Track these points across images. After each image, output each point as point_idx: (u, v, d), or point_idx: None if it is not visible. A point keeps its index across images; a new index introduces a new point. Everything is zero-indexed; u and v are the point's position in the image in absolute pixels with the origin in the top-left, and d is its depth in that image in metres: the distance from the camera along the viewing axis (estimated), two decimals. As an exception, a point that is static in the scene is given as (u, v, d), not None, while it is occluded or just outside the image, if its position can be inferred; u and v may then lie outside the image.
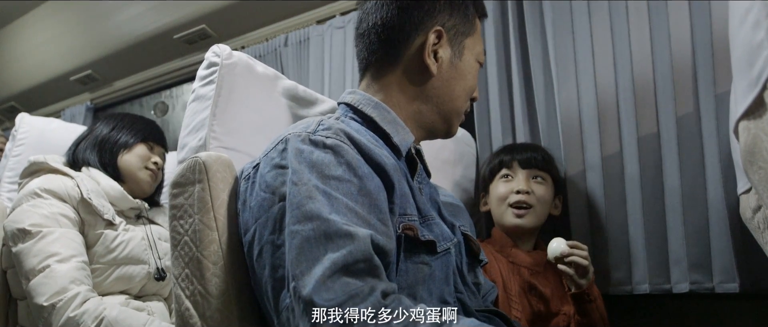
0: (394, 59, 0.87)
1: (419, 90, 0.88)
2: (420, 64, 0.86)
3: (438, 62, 0.86)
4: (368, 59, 0.89)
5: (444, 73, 0.87)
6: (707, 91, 1.34)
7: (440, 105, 0.89)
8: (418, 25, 0.86)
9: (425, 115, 0.89)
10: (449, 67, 0.88)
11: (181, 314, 0.79)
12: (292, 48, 2.25)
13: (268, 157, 0.76)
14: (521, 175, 1.35)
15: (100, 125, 1.48)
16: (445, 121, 0.91)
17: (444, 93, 0.88)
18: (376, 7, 0.88)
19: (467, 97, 0.92)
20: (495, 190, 1.38)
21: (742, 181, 1.11)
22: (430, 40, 0.85)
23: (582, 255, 1.20)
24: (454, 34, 0.88)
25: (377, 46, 0.87)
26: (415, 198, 0.81)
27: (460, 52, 0.89)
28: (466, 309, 0.83)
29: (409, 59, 0.87)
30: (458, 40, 0.89)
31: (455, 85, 0.89)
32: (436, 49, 0.86)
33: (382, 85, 0.88)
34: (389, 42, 0.87)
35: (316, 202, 0.66)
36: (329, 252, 0.63)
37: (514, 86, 1.62)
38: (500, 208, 1.35)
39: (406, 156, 0.87)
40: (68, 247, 1.23)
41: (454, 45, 0.88)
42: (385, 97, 0.88)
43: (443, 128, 0.92)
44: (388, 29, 0.86)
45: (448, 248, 0.81)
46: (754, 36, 0.90)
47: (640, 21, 1.44)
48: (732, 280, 1.29)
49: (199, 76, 0.96)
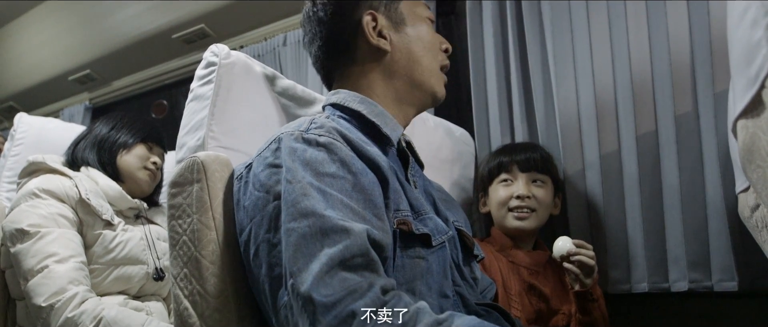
0: (350, 60, 0.90)
1: (386, 71, 0.89)
2: (373, 49, 0.88)
3: (386, 38, 0.89)
4: (329, 76, 0.94)
5: (397, 44, 0.89)
6: (706, 90, 1.34)
7: (410, 73, 0.90)
8: (351, 20, 0.89)
9: (401, 90, 0.90)
10: (398, 37, 0.90)
11: (180, 314, 0.79)
12: (290, 47, 2.25)
13: (261, 157, 0.76)
14: (521, 179, 1.34)
15: (99, 125, 1.47)
16: (422, 88, 0.92)
17: (407, 61, 0.90)
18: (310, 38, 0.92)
19: (433, 53, 0.93)
20: (495, 193, 1.37)
21: (741, 180, 1.11)
22: (368, 25, 0.88)
23: (589, 255, 1.20)
24: (385, 7, 0.90)
25: (329, 63, 0.92)
26: (407, 194, 0.81)
27: (400, 19, 0.91)
28: (466, 303, 0.83)
29: (362, 51, 0.89)
30: (393, 9, 0.91)
31: (413, 48, 0.90)
32: (378, 29, 0.88)
33: (352, 84, 0.90)
34: (338, 48, 0.90)
35: (311, 199, 0.66)
36: (326, 248, 0.63)
37: (513, 85, 1.62)
38: (501, 211, 1.35)
39: (398, 150, 0.87)
40: (67, 247, 1.22)
41: (391, 16, 0.90)
42: (361, 92, 0.89)
43: (426, 94, 0.93)
44: (329, 46, 0.90)
45: (443, 242, 0.82)
46: (752, 35, 0.90)
47: (639, 20, 1.44)
48: (731, 278, 1.30)
49: (197, 76, 0.96)
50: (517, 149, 1.40)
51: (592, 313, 1.24)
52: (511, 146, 1.46)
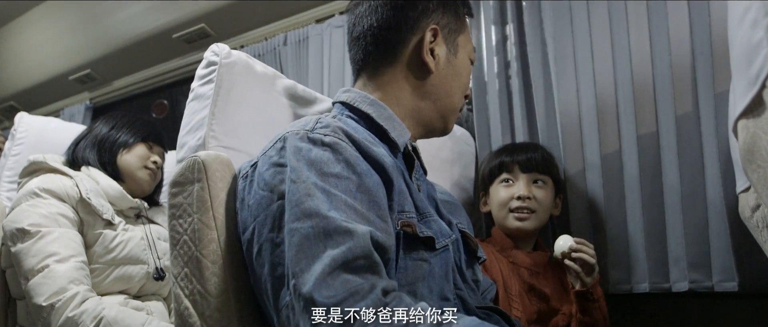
0: (391, 59, 0.88)
1: (418, 87, 0.88)
2: (418, 62, 0.87)
3: (435, 59, 0.88)
4: (365, 60, 0.90)
5: (441, 70, 0.89)
6: (706, 91, 1.34)
7: (438, 101, 0.90)
8: (413, 24, 0.87)
9: (424, 112, 0.90)
10: (446, 64, 0.89)
11: (181, 314, 0.79)
12: (291, 47, 2.25)
13: (266, 156, 0.76)
14: (522, 180, 1.34)
15: (100, 124, 1.47)
16: (442, 118, 0.92)
17: (442, 90, 0.89)
18: (370, 9, 0.88)
19: (462, 93, 0.94)
20: (496, 194, 1.38)
21: (741, 180, 1.11)
22: (427, 38, 0.87)
23: (589, 253, 1.21)
24: (448, 31, 0.90)
25: (373, 47, 0.88)
26: (413, 196, 0.81)
27: (454, 49, 0.91)
28: (466, 306, 0.83)
29: (407, 58, 0.87)
30: (452, 38, 0.90)
31: (452, 82, 0.90)
32: (432, 47, 0.87)
33: (380, 84, 0.89)
34: (386, 42, 0.87)
35: (315, 200, 0.66)
36: (329, 249, 0.63)
37: (514, 85, 1.62)
38: (501, 212, 1.35)
39: (404, 153, 0.87)
40: (67, 247, 1.22)
41: (448, 42, 0.90)
42: (383, 95, 0.88)
43: (441, 125, 0.93)
44: (384, 30, 0.87)
45: (447, 245, 0.82)
46: (752, 35, 0.90)
47: (640, 20, 1.44)
48: (731, 278, 1.29)
49: (198, 75, 0.96)
50: (518, 149, 1.40)
51: (593, 314, 1.24)
52: (512, 146, 1.46)
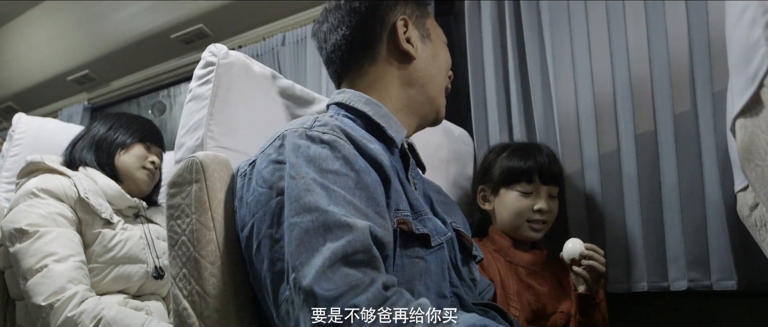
0: (371, 58, 0.91)
1: (404, 77, 0.91)
2: (398, 54, 0.91)
3: (413, 46, 0.91)
4: (345, 69, 0.93)
5: (421, 54, 0.93)
6: (704, 89, 1.34)
7: (426, 86, 0.93)
8: (382, 21, 0.90)
9: (414, 99, 0.93)
10: (424, 48, 0.93)
11: (179, 314, 0.79)
12: (289, 47, 2.25)
13: (265, 154, 0.77)
14: (543, 192, 1.31)
15: (98, 125, 1.48)
16: (432, 103, 0.95)
17: (426, 73, 0.93)
18: (336, 23, 0.92)
19: (445, 74, 0.97)
20: (509, 200, 1.32)
21: (739, 179, 1.11)
22: (400, 28, 0.90)
23: (600, 260, 1.19)
24: (416, 18, 0.94)
25: (350, 55, 0.91)
26: (408, 194, 0.81)
27: (426, 33, 0.95)
28: (463, 303, 0.84)
29: (385, 52, 0.91)
30: (421, 24, 0.95)
31: (434, 63, 0.94)
32: (408, 36, 0.91)
33: (367, 84, 0.91)
34: (363, 44, 0.91)
35: (315, 195, 0.67)
36: (328, 242, 0.63)
37: (511, 84, 1.62)
38: (517, 220, 1.31)
39: (400, 151, 0.88)
40: (66, 246, 1.22)
41: (419, 28, 0.94)
42: (374, 93, 0.90)
43: (432, 111, 0.96)
44: (357, 35, 0.90)
45: (442, 243, 0.82)
46: (750, 34, 0.90)
47: (637, 19, 1.44)
48: (729, 277, 1.29)
49: (196, 76, 0.96)
50: (533, 154, 1.34)
51: (593, 316, 1.24)
52: (528, 150, 1.37)
